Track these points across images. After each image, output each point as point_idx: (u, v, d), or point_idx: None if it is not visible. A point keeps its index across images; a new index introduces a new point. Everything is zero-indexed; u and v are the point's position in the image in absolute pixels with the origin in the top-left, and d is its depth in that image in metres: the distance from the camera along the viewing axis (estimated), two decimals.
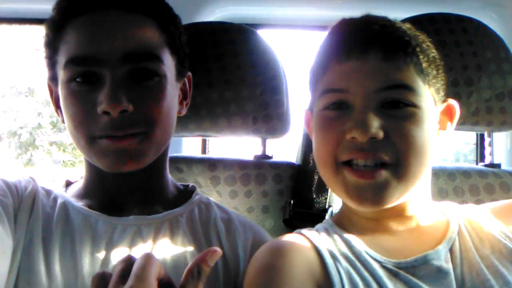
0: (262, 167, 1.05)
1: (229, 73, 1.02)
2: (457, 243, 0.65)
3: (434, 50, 0.69)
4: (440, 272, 0.61)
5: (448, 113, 0.72)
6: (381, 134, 0.62)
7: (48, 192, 0.75)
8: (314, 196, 1.03)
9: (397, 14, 1.16)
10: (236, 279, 0.72)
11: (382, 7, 1.36)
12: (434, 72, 0.68)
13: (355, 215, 0.70)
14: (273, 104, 1.02)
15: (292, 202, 1.01)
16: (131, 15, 0.69)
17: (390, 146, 0.62)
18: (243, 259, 0.73)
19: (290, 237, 0.68)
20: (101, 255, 0.68)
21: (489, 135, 1.11)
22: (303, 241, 0.66)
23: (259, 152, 1.11)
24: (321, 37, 0.73)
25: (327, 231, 0.70)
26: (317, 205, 1.03)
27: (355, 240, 0.66)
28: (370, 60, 0.64)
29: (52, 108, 0.78)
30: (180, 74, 0.78)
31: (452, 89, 1.03)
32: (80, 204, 0.73)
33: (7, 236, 0.64)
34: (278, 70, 1.04)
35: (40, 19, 1.51)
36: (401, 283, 0.60)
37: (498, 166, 1.10)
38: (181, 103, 0.81)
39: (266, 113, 1.02)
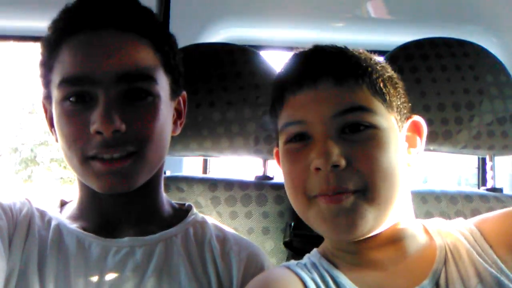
0: (263, 188, 1.05)
1: (232, 93, 1.03)
2: (443, 276, 0.62)
3: (389, 70, 0.68)
4: None
5: (415, 129, 0.70)
6: (343, 162, 0.60)
7: (42, 214, 0.74)
8: None
9: (398, 38, 1.17)
10: None
11: (384, 32, 1.37)
12: (392, 90, 0.66)
13: (339, 251, 0.68)
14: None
15: (292, 224, 1.01)
16: (125, 35, 0.69)
17: (355, 174, 0.60)
18: (236, 278, 0.72)
19: (278, 272, 0.66)
20: (94, 278, 0.67)
21: (491, 159, 1.11)
22: (291, 277, 0.64)
23: (260, 173, 1.10)
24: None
25: (314, 266, 0.68)
26: None
27: (342, 278, 0.64)
28: (322, 87, 0.63)
29: None
30: (174, 93, 0.77)
31: (454, 113, 1.03)
32: (74, 226, 0.72)
33: (1, 258, 0.63)
34: None
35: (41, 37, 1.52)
36: None
37: (500, 190, 1.09)
38: (175, 122, 0.80)
39: (268, 134, 1.02)
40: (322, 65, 0.64)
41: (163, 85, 0.73)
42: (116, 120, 0.65)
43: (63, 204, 0.80)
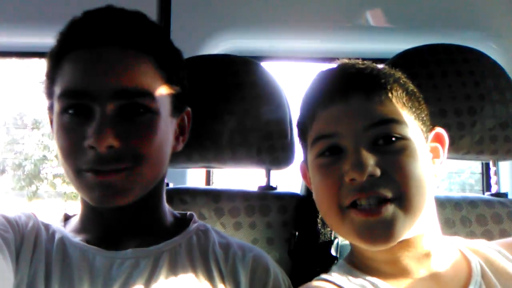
0: (266, 198, 1.05)
1: (233, 104, 1.03)
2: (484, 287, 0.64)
3: (411, 84, 0.72)
4: None
5: (438, 140, 0.72)
6: (378, 172, 0.62)
7: (46, 227, 0.74)
8: (319, 227, 1.02)
9: (398, 45, 1.18)
10: None
11: (384, 39, 1.38)
12: (416, 103, 0.70)
13: (371, 260, 0.69)
14: (277, 135, 1.03)
15: (297, 233, 1.00)
16: (126, 51, 0.70)
17: (390, 182, 0.62)
18: (243, 283, 0.72)
19: (320, 285, 0.66)
20: None
21: (494, 164, 1.11)
22: (330, 287, 0.65)
23: (263, 183, 1.10)
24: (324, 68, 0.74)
25: (349, 275, 0.68)
26: (323, 236, 1.01)
27: (383, 284, 0.65)
28: (354, 100, 0.65)
29: None
30: (176, 110, 0.77)
31: (455, 119, 1.03)
32: (77, 239, 0.73)
33: (9, 270, 0.63)
34: (281, 101, 1.05)
35: (45, 53, 1.54)
36: None
37: (505, 195, 1.08)
38: (177, 138, 0.80)
39: (270, 144, 1.02)
40: (353, 80, 0.67)
41: (163, 101, 0.73)
42: (109, 136, 0.66)
43: (66, 218, 0.81)
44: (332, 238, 1.01)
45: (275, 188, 1.10)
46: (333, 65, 0.72)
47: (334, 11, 1.38)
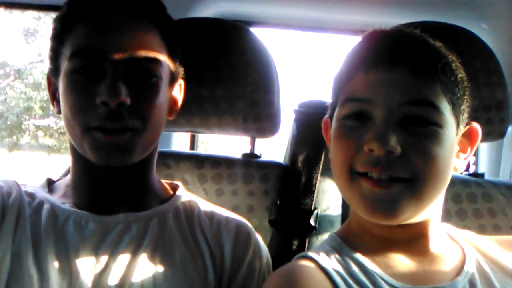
0: (249, 166, 1.06)
1: (221, 70, 1.02)
2: (476, 276, 0.64)
3: (462, 71, 0.68)
4: None
5: (469, 136, 0.70)
6: (398, 150, 0.60)
7: (31, 196, 0.75)
8: (300, 197, 1.04)
9: (389, 20, 1.17)
10: (222, 267, 0.75)
11: (374, 14, 1.36)
12: (461, 92, 0.66)
13: (367, 233, 0.69)
14: (264, 104, 1.02)
15: (278, 202, 1.02)
16: (138, 20, 0.75)
17: (407, 163, 0.61)
18: (228, 247, 0.76)
19: (302, 266, 0.66)
20: (92, 254, 0.69)
21: None
22: (313, 269, 0.64)
23: (247, 150, 1.11)
24: (314, 38, 0.73)
25: (337, 252, 0.67)
26: (303, 206, 1.03)
27: (368, 262, 0.65)
28: (397, 73, 0.62)
29: (42, 92, 0.80)
30: (172, 80, 0.81)
31: None
32: (67, 205, 0.74)
33: None
34: (270, 69, 1.04)
35: (30, 4, 1.50)
36: None
37: (481, 175, 1.11)
38: (170, 108, 0.83)
39: (257, 112, 1.03)
40: (403, 51, 0.64)
41: (165, 69, 0.77)
42: (122, 92, 0.68)
43: (50, 183, 0.81)
44: (312, 208, 1.03)
45: (259, 156, 1.11)
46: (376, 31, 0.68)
47: None
